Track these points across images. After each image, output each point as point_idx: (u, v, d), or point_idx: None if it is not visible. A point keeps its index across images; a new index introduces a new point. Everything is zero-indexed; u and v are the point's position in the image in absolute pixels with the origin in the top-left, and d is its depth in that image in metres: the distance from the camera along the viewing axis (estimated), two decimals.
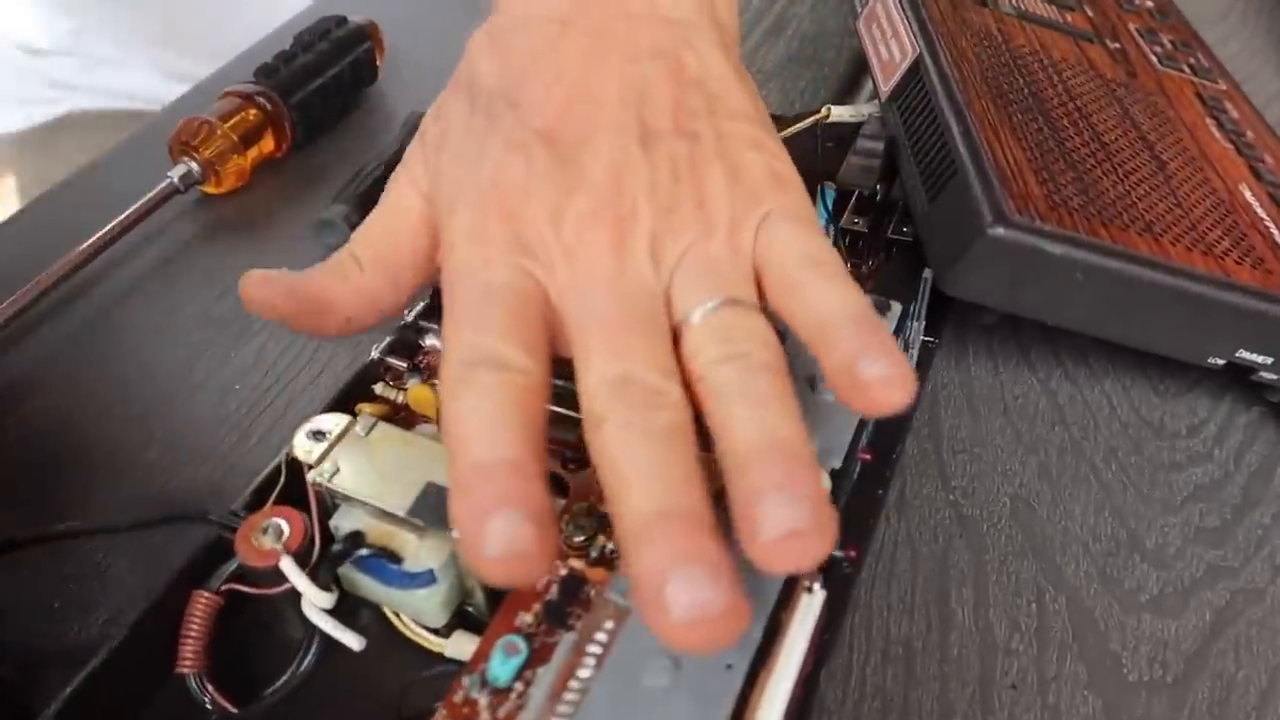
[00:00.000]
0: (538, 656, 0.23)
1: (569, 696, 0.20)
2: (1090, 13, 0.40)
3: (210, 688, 0.24)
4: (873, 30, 0.35)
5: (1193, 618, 0.29)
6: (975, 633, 0.28)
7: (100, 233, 0.37)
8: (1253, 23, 0.54)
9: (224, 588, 0.25)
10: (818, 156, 0.38)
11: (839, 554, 0.25)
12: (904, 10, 0.34)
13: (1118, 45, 0.38)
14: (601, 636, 0.21)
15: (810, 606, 0.22)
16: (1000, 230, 0.26)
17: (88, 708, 0.23)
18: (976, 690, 0.27)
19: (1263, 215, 0.31)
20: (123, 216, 0.37)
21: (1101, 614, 0.29)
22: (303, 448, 0.26)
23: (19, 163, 0.71)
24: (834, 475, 0.24)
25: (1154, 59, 0.38)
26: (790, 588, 0.22)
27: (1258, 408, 0.34)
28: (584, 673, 0.20)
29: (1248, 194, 0.32)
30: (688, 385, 0.21)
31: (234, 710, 0.24)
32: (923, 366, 0.33)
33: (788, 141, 0.37)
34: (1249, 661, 0.28)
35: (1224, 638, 0.28)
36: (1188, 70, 0.38)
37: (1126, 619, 0.29)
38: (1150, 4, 0.43)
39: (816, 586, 0.23)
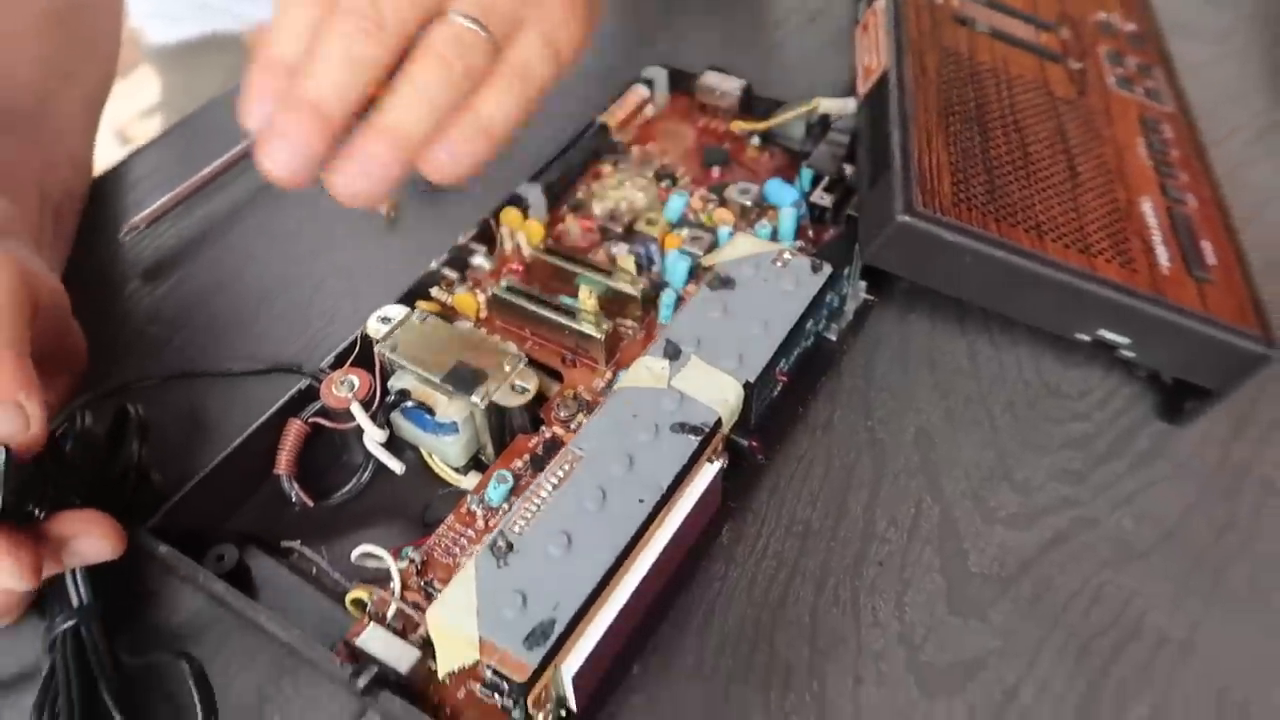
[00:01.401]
0: (520, 489, 0.33)
1: (530, 508, 0.29)
2: (1066, 35, 0.46)
3: (296, 486, 0.34)
4: (863, 39, 0.43)
5: (1035, 534, 0.37)
6: (861, 523, 0.37)
7: (229, 154, 0.47)
8: (1254, 45, 0.59)
9: (310, 420, 0.35)
10: (805, 140, 0.45)
11: (744, 442, 0.33)
12: (888, 27, 0.41)
13: (1080, 66, 0.44)
14: (560, 473, 0.30)
15: (707, 472, 0.31)
16: (907, 218, 0.34)
17: (210, 494, 0.33)
18: (851, 563, 0.36)
19: (1152, 225, 0.38)
20: (245, 143, 0.48)
21: (964, 522, 0.37)
22: (374, 327, 0.36)
23: (168, 73, 0.83)
24: (748, 386, 0.32)
25: (1111, 80, 0.45)
26: (698, 459, 0.31)
27: (1141, 383, 0.41)
28: (544, 494, 0.29)
29: (1146, 206, 0.39)
30: None
31: (310, 504, 0.34)
32: (860, 317, 0.41)
33: (784, 127, 0.45)
34: (1071, 571, 0.36)
35: (1056, 551, 0.36)
36: (1140, 93, 0.45)
37: (983, 528, 0.37)
38: (1133, 28, 0.49)
39: (717, 461, 0.32)
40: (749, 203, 0.42)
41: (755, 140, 0.46)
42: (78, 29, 0.47)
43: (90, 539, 0.30)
